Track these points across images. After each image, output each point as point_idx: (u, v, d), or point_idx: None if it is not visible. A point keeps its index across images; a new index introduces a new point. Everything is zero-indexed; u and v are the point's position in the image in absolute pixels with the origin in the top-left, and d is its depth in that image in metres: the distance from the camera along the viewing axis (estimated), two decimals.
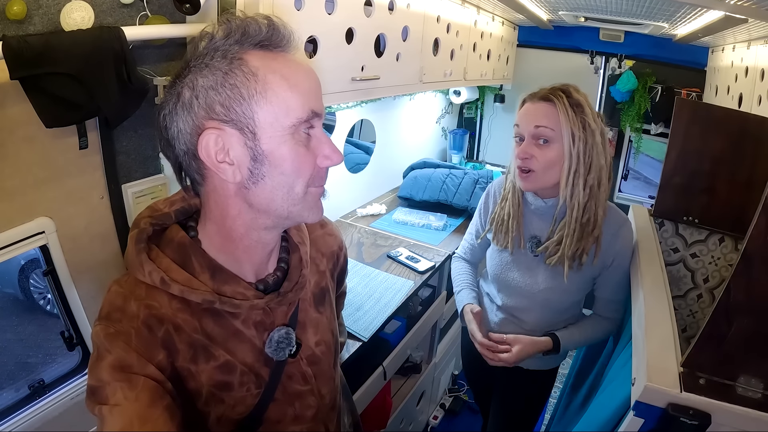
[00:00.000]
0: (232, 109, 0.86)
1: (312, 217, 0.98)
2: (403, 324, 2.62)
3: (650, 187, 4.34)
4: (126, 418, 0.80)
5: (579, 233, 1.74)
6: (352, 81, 2.04)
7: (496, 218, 1.97)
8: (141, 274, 0.93)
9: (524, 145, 1.73)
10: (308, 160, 0.92)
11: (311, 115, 0.90)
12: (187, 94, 0.87)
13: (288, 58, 0.92)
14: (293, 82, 0.88)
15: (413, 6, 2.36)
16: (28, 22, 1.26)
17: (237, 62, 0.86)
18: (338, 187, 3.23)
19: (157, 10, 1.56)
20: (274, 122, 0.87)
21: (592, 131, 1.67)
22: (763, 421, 1.00)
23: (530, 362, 2.01)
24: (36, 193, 1.43)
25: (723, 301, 1.03)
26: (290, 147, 0.89)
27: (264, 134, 0.87)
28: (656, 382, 1.06)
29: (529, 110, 1.75)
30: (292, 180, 0.91)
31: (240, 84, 0.85)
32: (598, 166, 1.69)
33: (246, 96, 0.85)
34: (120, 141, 1.63)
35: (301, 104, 0.89)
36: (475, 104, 4.86)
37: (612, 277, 1.83)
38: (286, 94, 0.87)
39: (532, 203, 1.86)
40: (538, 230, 1.88)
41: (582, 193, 1.70)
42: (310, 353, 1.14)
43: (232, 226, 0.96)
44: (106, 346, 0.87)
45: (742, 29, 2.28)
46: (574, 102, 1.68)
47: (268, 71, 0.86)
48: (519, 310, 1.99)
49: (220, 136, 0.86)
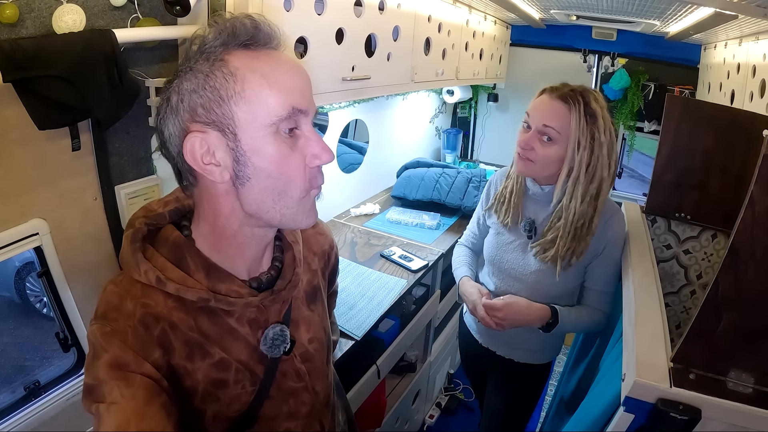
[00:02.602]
0: (212, 111, 0.87)
1: (306, 222, 0.98)
2: (396, 323, 2.62)
3: (644, 185, 4.35)
4: (123, 416, 0.80)
5: (572, 235, 1.78)
6: (342, 81, 2.04)
7: (499, 196, 2.04)
8: (137, 273, 0.93)
9: (528, 136, 1.77)
10: (295, 161, 0.91)
11: (292, 112, 0.89)
12: (174, 99, 0.89)
13: (272, 55, 0.91)
14: (273, 79, 0.88)
15: (404, 5, 2.37)
16: (21, 26, 1.26)
17: (218, 64, 0.87)
18: (331, 187, 3.22)
19: (148, 13, 1.57)
20: (253, 121, 0.87)
21: (600, 144, 1.69)
22: (753, 415, 1.01)
23: (524, 355, 2.09)
24: (30, 194, 1.43)
25: (711, 296, 1.04)
26: (273, 147, 0.88)
27: (245, 135, 0.87)
28: (646, 378, 1.06)
29: (543, 105, 1.76)
30: (281, 183, 0.90)
31: (219, 85, 0.86)
32: (600, 177, 1.72)
33: (225, 97, 0.86)
34: (113, 142, 1.63)
35: (282, 102, 0.87)
36: (468, 103, 4.86)
37: (602, 266, 1.86)
38: (265, 93, 0.87)
39: (530, 188, 1.91)
40: (533, 214, 1.94)
41: (579, 200, 1.73)
42: (303, 350, 1.14)
43: (225, 225, 0.96)
44: (102, 344, 0.87)
45: (734, 26, 2.29)
46: (590, 112, 1.69)
47: (247, 71, 0.87)
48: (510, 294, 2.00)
49: (203, 139, 0.87)
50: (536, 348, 2.10)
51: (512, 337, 2.06)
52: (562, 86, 1.76)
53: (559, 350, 2.18)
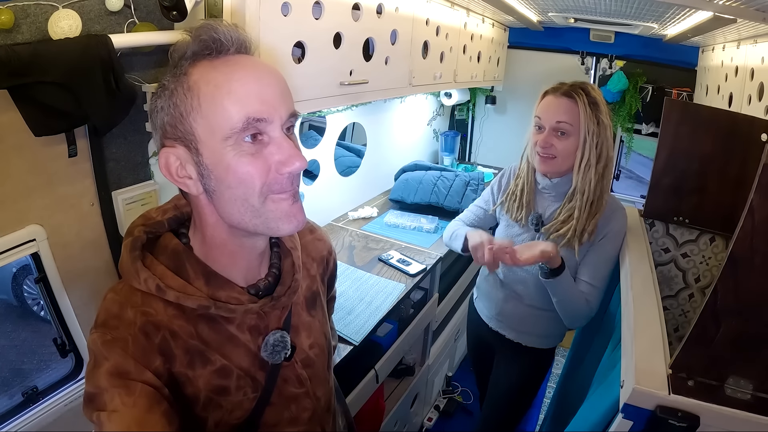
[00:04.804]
0: (176, 128, 0.89)
1: (284, 229, 0.95)
2: (394, 327, 2.62)
3: (643, 186, 4.36)
4: (124, 424, 0.80)
5: (587, 212, 1.92)
6: (340, 85, 2.04)
7: (510, 193, 2.19)
8: (136, 281, 0.93)
9: (546, 135, 1.93)
10: (256, 170, 0.88)
11: (247, 123, 0.86)
12: (152, 115, 0.92)
13: (230, 62, 0.90)
14: (226, 89, 0.86)
15: (402, 9, 2.37)
16: (16, 31, 1.25)
17: (182, 79, 0.88)
18: (329, 191, 3.23)
19: (145, 17, 1.56)
20: (211, 136, 0.87)
21: (605, 126, 1.89)
22: (752, 422, 1.01)
23: (531, 339, 2.25)
24: (26, 201, 1.42)
25: (710, 303, 1.04)
26: (233, 158, 0.87)
27: (205, 149, 0.88)
28: (644, 385, 1.06)
29: (551, 104, 1.94)
30: (241, 192, 0.89)
31: (180, 102, 0.87)
32: (606, 157, 1.91)
33: (185, 113, 0.87)
34: (109, 148, 1.63)
35: (236, 112, 0.86)
36: (466, 106, 4.87)
37: (594, 256, 1.97)
38: (219, 105, 0.86)
39: (540, 183, 2.06)
40: (541, 208, 2.09)
41: (593, 180, 1.89)
42: (304, 356, 1.14)
43: (213, 235, 0.97)
44: (103, 353, 0.87)
45: (732, 29, 2.29)
46: (592, 100, 1.87)
47: (203, 83, 0.87)
48: (518, 282, 2.16)
49: (174, 154, 0.90)
50: (543, 333, 2.24)
51: (521, 322, 2.23)
52: (560, 85, 1.94)
53: (562, 337, 2.30)
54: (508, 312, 2.25)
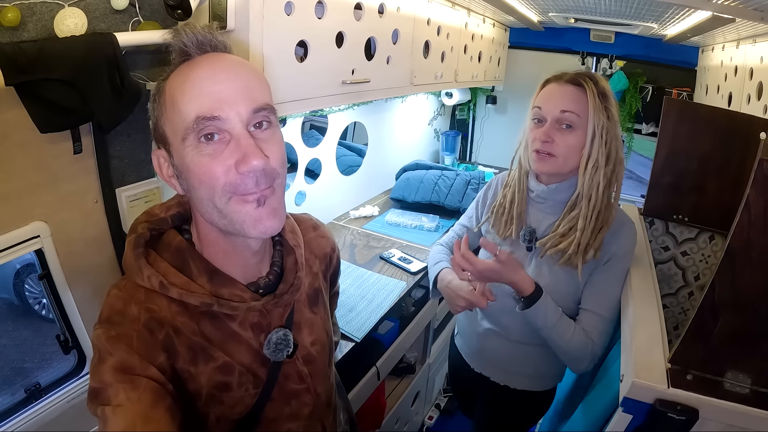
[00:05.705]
0: (155, 131, 0.94)
1: (251, 233, 0.92)
2: (396, 325, 2.62)
3: (643, 186, 4.35)
4: (129, 419, 0.81)
5: (593, 223, 1.61)
6: (342, 84, 2.05)
7: (497, 206, 1.85)
8: (140, 278, 0.94)
9: (546, 127, 1.61)
10: (211, 170, 0.87)
11: (197, 122, 0.85)
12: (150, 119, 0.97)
13: (191, 63, 0.90)
14: (181, 90, 0.87)
15: (403, 9, 2.38)
16: (23, 29, 1.26)
17: (161, 84, 0.93)
18: (331, 190, 3.24)
19: (150, 16, 1.57)
20: (174, 138, 0.90)
21: (615, 122, 1.59)
22: (750, 415, 1.02)
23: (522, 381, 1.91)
24: (31, 197, 1.43)
25: (708, 298, 1.05)
26: (192, 159, 0.88)
27: (174, 150, 0.91)
28: (644, 379, 1.07)
29: (554, 92, 1.64)
30: (204, 193, 0.89)
31: (156, 106, 0.92)
32: (616, 158, 1.60)
33: (159, 116, 0.92)
34: (114, 145, 1.64)
35: (188, 112, 0.86)
36: (467, 106, 4.87)
37: (600, 281, 1.65)
38: (176, 107, 0.88)
39: (534, 189, 1.75)
40: (534, 221, 1.76)
41: (601, 183, 1.58)
42: (306, 353, 1.15)
43: (205, 232, 1.00)
44: (107, 348, 0.88)
45: (731, 29, 2.30)
46: (601, 90, 1.58)
47: (168, 87, 0.90)
48: (503, 313, 1.80)
49: (160, 155, 0.95)
50: (535, 373, 1.90)
51: (508, 361, 1.89)
52: (564, 73, 1.65)
53: (562, 376, 1.97)
54: (491, 348, 1.91)
